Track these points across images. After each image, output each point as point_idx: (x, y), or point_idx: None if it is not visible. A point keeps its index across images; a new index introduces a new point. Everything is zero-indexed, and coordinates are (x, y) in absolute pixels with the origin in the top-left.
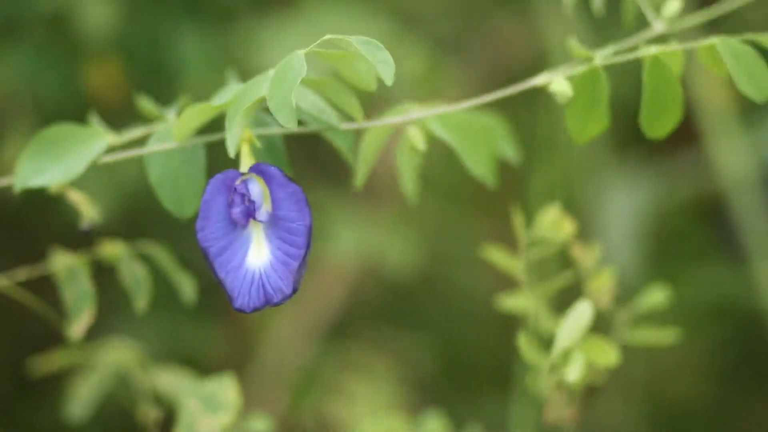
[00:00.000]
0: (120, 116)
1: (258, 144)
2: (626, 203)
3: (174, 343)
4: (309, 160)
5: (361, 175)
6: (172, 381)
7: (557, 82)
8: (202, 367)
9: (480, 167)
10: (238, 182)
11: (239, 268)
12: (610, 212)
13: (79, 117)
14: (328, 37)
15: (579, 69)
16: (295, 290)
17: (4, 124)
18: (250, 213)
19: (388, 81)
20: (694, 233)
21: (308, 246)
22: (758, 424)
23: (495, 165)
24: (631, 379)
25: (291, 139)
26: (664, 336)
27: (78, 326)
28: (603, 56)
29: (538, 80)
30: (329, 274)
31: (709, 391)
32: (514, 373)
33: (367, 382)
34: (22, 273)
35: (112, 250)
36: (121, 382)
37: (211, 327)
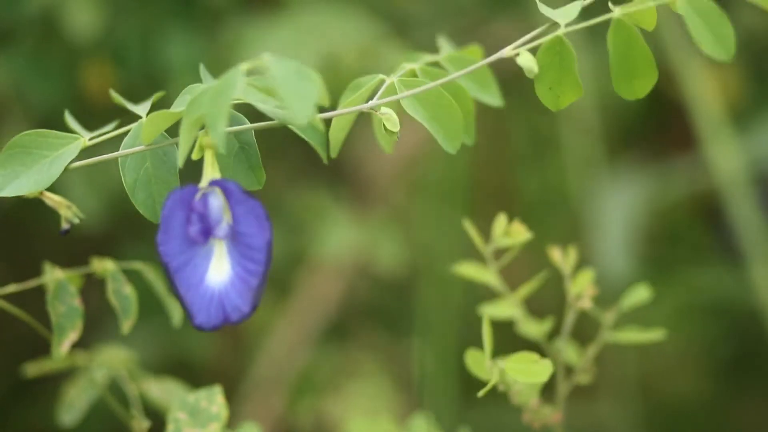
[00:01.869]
0: (116, 118)
1: (222, 151)
2: (622, 204)
3: (170, 346)
4: (307, 160)
5: (333, 151)
6: (162, 390)
7: (523, 55)
8: (198, 369)
9: (452, 141)
10: (197, 197)
11: (199, 285)
12: (606, 213)
13: (75, 120)
14: (266, 55)
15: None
16: (254, 308)
17: None
18: (207, 232)
19: (300, 120)
20: (690, 234)
21: (268, 262)
22: (753, 423)
23: (472, 126)
24: (626, 379)
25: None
26: (650, 336)
27: (64, 344)
28: (565, 24)
29: (505, 52)
30: (325, 276)
31: (704, 390)
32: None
33: (363, 383)
34: (11, 287)
35: (102, 266)
36: (112, 388)
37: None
